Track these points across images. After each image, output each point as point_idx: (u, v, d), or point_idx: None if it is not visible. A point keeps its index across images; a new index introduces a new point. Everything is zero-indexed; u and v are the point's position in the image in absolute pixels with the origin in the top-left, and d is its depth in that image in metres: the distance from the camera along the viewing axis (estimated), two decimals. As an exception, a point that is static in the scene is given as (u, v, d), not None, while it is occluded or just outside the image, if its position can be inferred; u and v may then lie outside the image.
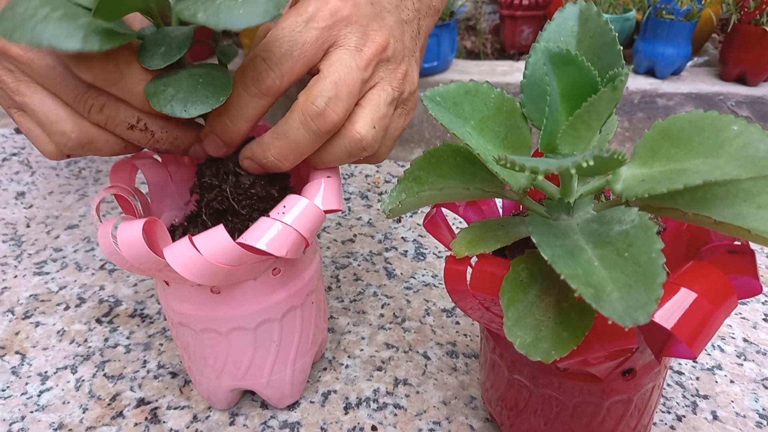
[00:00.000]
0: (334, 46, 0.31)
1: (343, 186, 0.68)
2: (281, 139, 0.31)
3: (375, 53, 0.32)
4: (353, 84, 0.30)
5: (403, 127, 0.35)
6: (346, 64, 0.30)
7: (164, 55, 0.28)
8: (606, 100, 0.22)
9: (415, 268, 0.53)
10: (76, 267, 0.55)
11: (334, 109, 0.30)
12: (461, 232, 0.28)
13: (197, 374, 0.37)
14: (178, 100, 0.28)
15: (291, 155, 0.31)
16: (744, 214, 0.23)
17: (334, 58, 0.30)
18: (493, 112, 0.27)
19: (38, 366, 0.44)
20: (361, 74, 0.31)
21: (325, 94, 0.30)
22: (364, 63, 0.31)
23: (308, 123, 0.30)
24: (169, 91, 0.28)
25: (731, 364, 0.41)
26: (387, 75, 0.33)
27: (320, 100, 0.30)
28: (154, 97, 0.28)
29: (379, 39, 0.32)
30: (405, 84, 0.34)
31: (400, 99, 0.34)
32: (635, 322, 0.19)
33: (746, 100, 1.37)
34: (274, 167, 0.32)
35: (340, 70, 0.30)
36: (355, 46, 0.31)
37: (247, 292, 0.33)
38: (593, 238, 0.23)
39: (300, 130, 0.30)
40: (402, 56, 0.34)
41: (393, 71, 0.33)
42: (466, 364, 0.42)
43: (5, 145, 0.82)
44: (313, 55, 0.30)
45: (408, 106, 0.35)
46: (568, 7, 0.28)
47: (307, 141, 0.31)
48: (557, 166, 0.20)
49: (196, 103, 0.28)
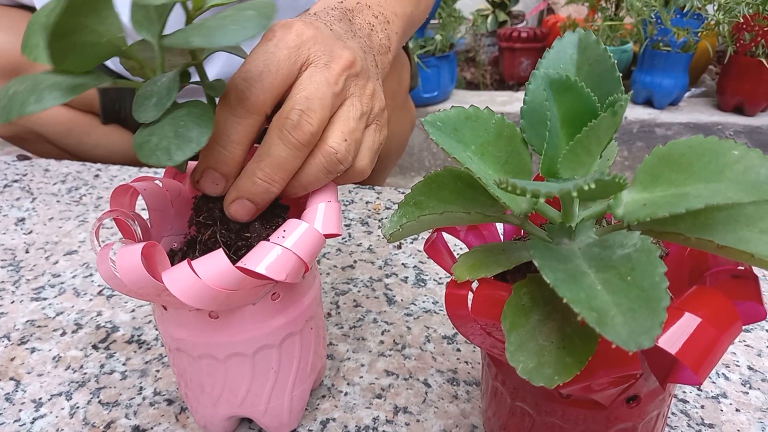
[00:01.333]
0: (306, 64, 0.32)
1: (343, 212, 0.68)
2: (264, 159, 0.31)
3: (343, 68, 0.33)
4: (324, 97, 0.32)
5: (380, 141, 0.37)
6: (316, 80, 0.32)
7: (156, 105, 0.28)
8: (606, 125, 0.22)
9: (416, 295, 0.52)
10: (74, 293, 0.55)
11: (309, 120, 0.31)
12: (462, 256, 0.28)
13: (194, 401, 0.36)
14: (162, 150, 0.28)
15: (277, 173, 0.31)
16: (747, 238, 0.22)
17: (305, 75, 0.32)
18: (493, 137, 0.27)
19: (32, 392, 0.43)
20: (331, 88, 0.32)
21: (297, 107, 0.31)
22: (333, 77, 0.33)
23: (286, 136, 0.31)
24: (153, 141, 0.28)
25: (736, 392, 0.40)
26: (357, 90, 0.34)
27: (294, 114, 0.31)
28: (140, 149, 0.28)
29: (347, 55, 0.34)
30: (374, 101, 0.36)
31: (371, 114, 0.36)
32: (639, 346, 0.18)
33: (744, 130, 1.39)
34: (265, 192, 0.32)
35: (310, 86, 0.32)
36: (324, 63, 0.33)
37: (246, 318, 0.33)
38: (595, 262, 0.23)
39: (280, 145, 0.31)
40: (368, 75, 0.36)
41: (362, 87, 0.35)
42: (468, 392, 0.41)
43: (7, 172, 0.82)
44: (288, 72, 0.32)
45: (380, 122, 0.37)
46: (567, 35, 0.28)
47: (288, 155, 0.31)
48: (558, 190, 0.20)
49: (180, 149, 0.28)
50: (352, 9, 0.41)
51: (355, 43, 0.37)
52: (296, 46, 0.32)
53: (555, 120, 0.25)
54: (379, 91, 0.37)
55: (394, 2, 0.45)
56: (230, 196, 0.32)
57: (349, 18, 0.40)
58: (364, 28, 0.40)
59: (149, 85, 0.29)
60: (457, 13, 1.84)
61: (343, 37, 0.36)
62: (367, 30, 0.40)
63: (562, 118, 0.25)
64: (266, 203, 0.33)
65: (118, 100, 0.94)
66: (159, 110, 0.28)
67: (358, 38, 0.38)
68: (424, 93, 1.73)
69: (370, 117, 0.35)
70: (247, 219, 0.33)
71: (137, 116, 0.29)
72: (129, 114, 0.97)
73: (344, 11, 0.40)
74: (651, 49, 1.53)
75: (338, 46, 0.34)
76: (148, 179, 0.36)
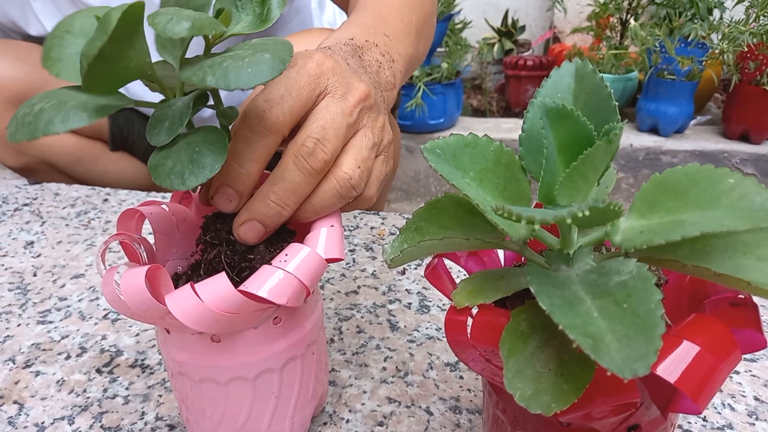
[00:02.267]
0: (323, 94, 0.34)
1: (348, 238, 0.68)
2: (278, 183, 0.32)
3: (359, 100, 0.35)
4: (339, 127, 0.33)
5: (386, 172, 0.38)
6: (332, 110, 0.33)
7: (168, 129, 0.29)
8: (602, 152, 0.23)
9: (419, 321, 0.52)
10: (80, 316, 0.55)
11: (323, 149, 0.32)
12: (462, 282, 0.28)
13: (195, 426, 0.36)
14: (176, 174, 0.29)
15: (290, 197, 0.33)
16: (744, 266, 0.23)
17: (321, 105, 0.33)
18: (492, 164, 0.28)
19: (35, 416, 0.43)
20: (346, 119, 0.34)
21: (314, 135, 0.32)
22: (349, 109, 0.34)
23: (301, 163, 0.32)
24: (168, 164, 0.29)
25: (742, 423, 0.40)
26: (369, 122, 0.36)
27: (310, 141, 0.32)
28: (155, 171, 0.29)
29: (362, 88, 0.35)
30: (384, 133, 0.37)
31: (381, 146, 0.37)
32: (635, 373, 0.18)
33: (750, 158, 1.39)
34: (277, 215, 0.32)
35: (327, 116, 0.33)
36: (341, 95, 0.34)
37: (248, 341, 0.33)
38: (592, 289, 0.23)
39: (294, 170, 0.32)
40: (380, 108, 0.38)
41: (374, 119, 0.36)
42: (470, 420, 0.41)
43: (18, 196, 0.83)
44: (307, 98, 0.33)
45: (388, 153, 0.38)
46: (564, 65, 0.29)
47: (302, 180, 0.32)
48: (553, 217, 0.20)
49: (192, 175, 0.28)
50: (361, 46, 0.42)
51: (367, 77, 0.39)
52: (316, 75, 0.33)
53: (552, 147, 0.25)
54: (387, 125, 0.38)
55: (397, 43, 0.47)
56: (241, 217, 0.33)
57: (359, 54, 0.41)
58: (373, 65, 0.42)
59: (164, 109, 0.30)
60: (464, 41, 1.86)
61: (357, 71, 0.38)
62: (375, 67, 0.42)
63: (559, 145, 0.25)
64: (275, 226, 0.33)
65: (127, 126, 0.96)
66: (170, 134, 0.29)
67: (368, 74, 0.40)
68: (431, 119, 1.74)
69: (380, 148, 0.37)
70: (255, 241, 0.33)
71: (150, 139, 0.29)
72: (137, 141, 0.98)
73: (355, 48, 0.42)
74: (656, 78, 1.54)
75: (354, 79, 0.36)
76: (155, 203, 0.37)
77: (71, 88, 0.28)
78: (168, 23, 0.24)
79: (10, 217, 0.77)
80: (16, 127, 0.26)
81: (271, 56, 0.26)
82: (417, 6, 0.55)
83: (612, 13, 1.77)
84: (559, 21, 2.24)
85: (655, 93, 1.56)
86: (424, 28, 0.56)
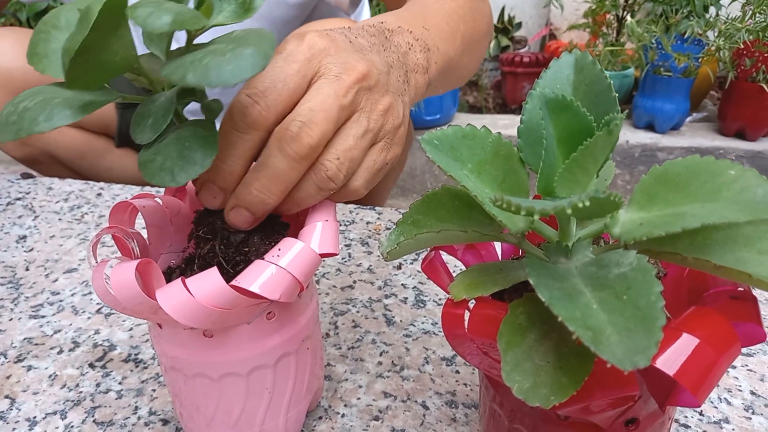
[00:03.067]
0: (316, 76, 0.32)
1: (343, 232, 0.68)
2: (262, 170, 0.31)
3: (355, 80, 0.32)
4: (329, 110, 0.31)
5: (384, 161, 0.35)
6: (324, 92, 0.31)
7: (152, 126, 0.28)
8: (602, 143, 0.23)
9: (415, 316, 0.52)
10: (73, 311, 0.54)
11: (309, 133, 0.30)
12: (459, 275, 0.28)
13: (188, 421, 0.36)
14: (165, 170, 0.28)
15: (274, 185, 0.31)
16: (744, 259, 0.22)
17: (314, 87, 0.32)
18: (490, 156, 0.28)
19: (27, 411, 0.42)
20: (339, 101, 0.31)
21: (299, 119, 0.30)
22: (343, 90, 0.32)
23: (284, 148, 0.30)
24: (158, 161, 0.28)
25: (739, 417, 0.40)
26: (368, 105, 0.33)
27: (294, 125, 0.30)
28: (144, 168, 0.28)
29: (360, 67, 0.33)
30: (387, 117, 0.34)
31: (381, 131, 0.34)
32: (635, 365, 0.18)
33: (746, 155, 1.39)
34: (261, 203, 0.31)
35: (317, 98, 0.31)
36: (335, 75, 0.32)
37: (241, 337, 0.32)
38: (592, 281, 0.23)
39: (278, 156, 0.31)
40: (386, 89, 0.35)
41: (375, 102, 0.34)
42: (466, 415, 0.41)
43: (11, 190, 0.82)
44: (296, 86, 0.31)
45: (391, 140, 0.35)
46: (563, 56, 0.28)
47: (286, 167, 0.31)
48: (553, 207, 0.20)
49: (183, 171, 0.28)
50: (392, 29, 0.40)
51: (378, 56, 0.36)
52: (306, 59, 0.32)
53: (551, 139, 0.25)
54: (397, 107, 0.35)
55: (437, 38, 0.45)
56: (230, 203, 0.32)
57: (386, 36, 0.39)
58: (401, 45, 0.40)
59: (147, 104, 0.29)
60: (460, 37, 1.85)
61: (364, 49, 0.35)
62: (404, 48, 0.40)
63: (558, 137, 0.25)
64: (264, 213, 0.32)
65: None
66: (155, 131, 0.28)
67: (390, 52, 0.37)
68: (427, 116, 1.74)
69: (379, 134, 0.34)
70: (245, 227, 0.33)
71: (134, 137, 0.29)
72: None
73: (382, 30, 0.39)
74: (652, 74, 1.54)
75: (353, 58, 0.33)
76: (148, 196, 0.36)
77: (58, 84, 0.27)
78: (149, 17, 0.24)
79: (3, 212, 0.76)
80: (0, 127, 0.25)
81: (254, 51, 0.25)
82: (468, 18, 0.53)
83: (608, 9, 1.77)
84: (555, 18, 2.24)
85: (652, 90, 1.56)
86: (473, 43, 0.54)
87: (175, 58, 0.26)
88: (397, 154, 0.37)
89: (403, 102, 0.37)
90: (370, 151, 0.34)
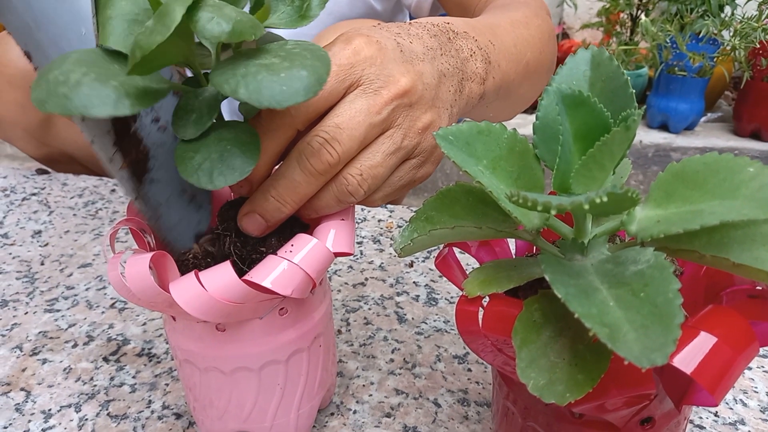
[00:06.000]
0: (355, 85, 0.30)
1: (355, 230, 0.68)
2: (279, 179, 0.31)
3: (394, 96, 0.31)
4: (357, 128, 0.30)
5: (413, 179, 0.34)
6: (355, 107, 0.30)
7: (196, 122, 0.28)
8: (619, 139, 0.22)
9: (427, 314, 0.52)
10: (87, 305, 0.55)
11: (330, 151, 0.29)
12: (474, 271, 0.28)
13: (201, 414, 0.36)
14: (204, 171, 0.27)
15: (289, 195, 0.31)
16: (763, 258, 0.22)
17: (348, 98, 0.30)
18: (505, 152, 0.27)
19: (42, 403, 0.43)
20: (370, 118, 0.30)
21: (323, 135, 0.29)
22: (378, 106, 0.30)
23: (303, 162, 0.30)
24: (197, 159, 0.27)
25: (755, 419, 0.39)
26: (406, 122, 0.32)
27: (316, 141, 0.29)
28: (181, 162, 0.27)
29: (403, 81, 0.31)
30: (425, 134, 0.33)
31: (417, 150, 0.33)
32: (652, 363, 0.18)
33: (761, 155, 1.38)
34: (276, 211, 0.31)
35: (346, 113, 0.30)
36: (374, 89, 0.30)
37: (253, 332, 0.32)
38: (608, 279, 0.22)
39: (296, 169, 0.30)
40: (430, 105, 0.33)
41: (415, 119, 0.32)
42: (478, 413, 0.41)
43: (26, 185, 0.83)
44: (332, 90, 0.30)
45: (424, 159, 0.34)
46: (580, 52, 0.28)
47: (302, 180, 0.30)
48: (570, 203, 0.20)
49: (222, 175, 0.27)
50: (457, 33, 0.38)
51: (431, 65, 0.33)
52: (349, 65, 0.30)
53: (567, 135, 0.24)
54: (439, 125, 0.34)
55: (500, 56, 0.41)
56: (244, 209, 0.32)
57: (449, 37, 0.37)
58: (463, 50, 0.37)
59: (191, 98, 0.29)
60: (473, 36, 1.85)
61: (417, 58, 0.33)
62: (465, 53, 0.37)
63: (575, 133, 0.24)
64: (277, 221, 0.32)
65: None
66: (198, 128, 0.28)
67: (448, 57, 0.35)
68: (439, 115, 1.73)
69: (414, 151, 0.33)
70: (257, 234, 0.33)
71: (176, 131, 0.28)
72: None
73: (447, 30, 0.37)
74: (666, 74, 1.53)
75: (399, 70, 0.31)
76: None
77: (109, 54, 0.25)
78: (207, 23, 0.23)
79: (18, 207, 0.77)
80: (48, 95, 0.22)
81: (308, 74, 0.24)
82: (536, 50, 0.50)
83: (622, 8, 1.76)
84: (568, 17, 2.22)
85: (666, 89, 1.54)
86: (536, 74, 0.50)
87: (227, 64, 0.25)
88: (429, 172, 0.35)
89: (450, 115, 0.35)
90: (400, 167, 0.33)
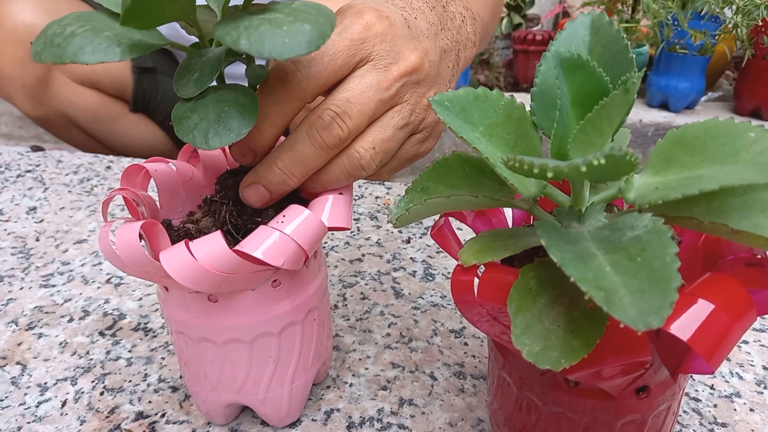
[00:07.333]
0: (365, 61, 0.31)
1: (353, 205, 0.68)
2: (287, 151, 0.30)
3: (403, 73, 0.31)
4: (367, 103, 0.30)
5: (416, 153, 0.35)
6: (366, 82, 0.30)
7: (197, 81, 0.28)
8: (618, 103, 0.22)
9: (424, 289, 0.52)
10: (83, 280, 0.55)
11: (341, 125, 0.30)
12: (469, 241, 0.28)
13: (194, 386, 0.36)
14: (200, 130, 0.27)
15: (297, 168, 0.31)
16: (762, 224, 0.22)
17: (357, 73, 0.30)
18: (502, 119, 0.27)
19: (38, 377, 0.43)
20: (379, 94, 0.30)
21: (334, 108, 0.30)
22: (387, 82, 0.31)
23: (314, 135, 0.30)
24: (194, 119, 0.27)
25: (750, 392, 0.39)
26: (412, 98, 0.32)
27: (327, 114, 0.30)
28: (178, 123, 0.27)
29: (412, 59, 0.32)
30: (430, 111, 0.33)
31: (420, 125, 0.34)
32: (648, 326, 0.18)
33: (762, 134, 1.35)
34: (281, 183, 0.31)
35: (357, 88, 0.30)
36: (384, 65, 0.31)
37: (245, 303, 0.32)
38: (605, 245, 0.22)
39: (306, 141, 0.30)
40: (434, 82, 0.34)
41: (421, 95, 0.33)
42: (474, 386, 0.41)
43: (21, 162, 0.83)
44: (343, 64, 0.30)
45: (427, 134, 0.35)
46: (579, 17, 0.27)
47: (311, 153, 0.30)
48: (567, 165, 0.20)
49: (218, 135, 0.27)
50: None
51: (434, 42, 0.34)
52: (360, 40, 0.30)
53: (566, 99, 0.24)
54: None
55: (479, 6, 0.43)
56: (247, 179, 0.32)
57: (443, 4, 0.37)
58: (456, 17, 0.38)
59: (194, 58, 0.29)
60: (472, 14, 1.83)
61: (422, 34, 0.33)
62: (458, 21, 0.38)
63: (573, 97, 0.24)
64: (281, 194, 0.32)
65: (151, 90, 0.94)
66: (199, 87, 0.28)
67: (447, 31, 0.36)
68: (437, 94, 1.72)
69: (419, 127, 0.34)
70: (259, 205, 0.32)
71: (177, 89, 0.28)
72: (159, 105, 0.97)
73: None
74: (667, 52, 1.51)
75: (408, 47, 0.32)
76: (162, 161, 0.36)
77: (106, 13, 0.26)
78: None
79: (13, 183, 0.76)
80: (44, 47, 0.24)
81: (312, 28, 0.24)
82: None
83: (624, -14, 1.73)
84: (569, -5, 2.19)
85: (667, 67, 1.53)
86: (498, 5, 0.53)
87: (231, 18, 0.25)
88: (431, 147, 0.36)
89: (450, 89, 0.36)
90: (406, 142, 0.34)
